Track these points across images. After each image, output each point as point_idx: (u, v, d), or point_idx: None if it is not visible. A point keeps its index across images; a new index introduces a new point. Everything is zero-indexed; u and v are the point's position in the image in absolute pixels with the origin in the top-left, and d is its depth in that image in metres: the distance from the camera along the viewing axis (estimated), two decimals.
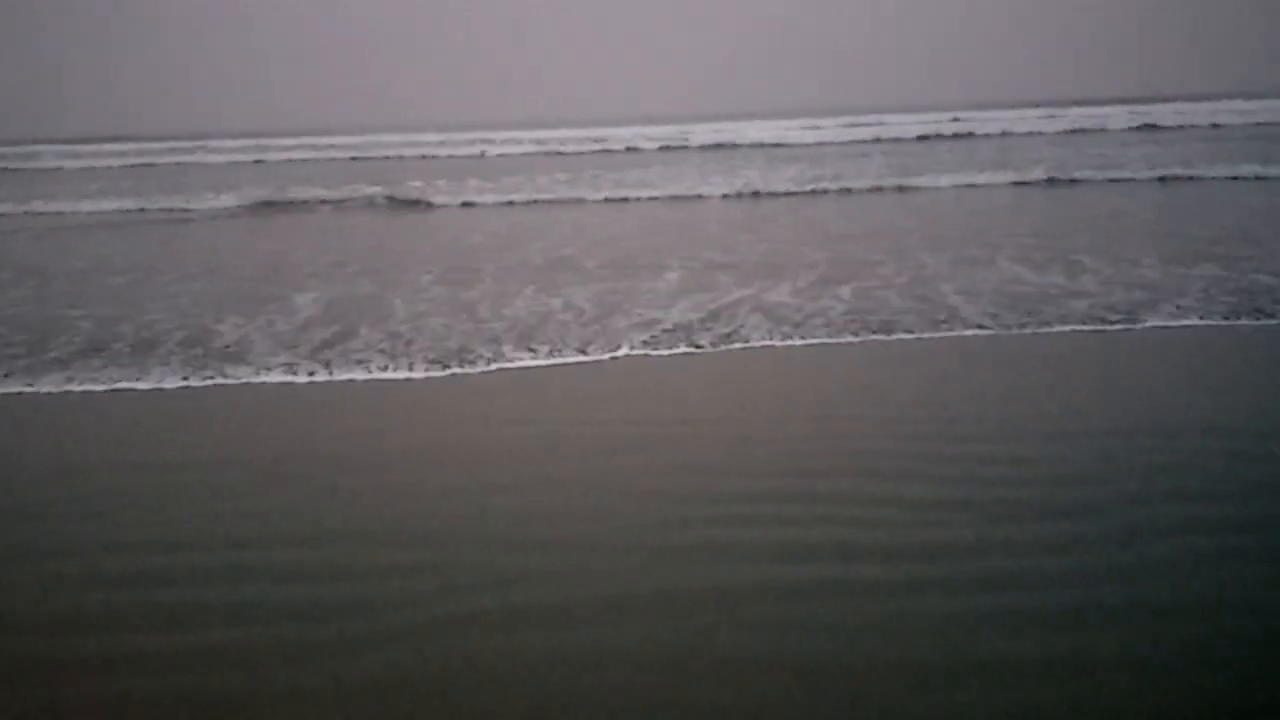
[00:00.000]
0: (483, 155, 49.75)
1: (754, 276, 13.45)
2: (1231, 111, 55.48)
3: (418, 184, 31.02)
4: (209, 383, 8.97)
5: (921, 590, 4.52)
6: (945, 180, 26.12)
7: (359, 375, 9.08)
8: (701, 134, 55.83)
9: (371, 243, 19.78)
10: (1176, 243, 14.92)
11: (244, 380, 9.03)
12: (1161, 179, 25.09)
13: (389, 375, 9.06)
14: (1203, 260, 13.18)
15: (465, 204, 26.28)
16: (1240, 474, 5.71)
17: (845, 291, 12.09)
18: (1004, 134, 49.38)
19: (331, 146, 59.19)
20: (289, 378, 9.04)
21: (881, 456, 6.30)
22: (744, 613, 4.39)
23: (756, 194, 25.96)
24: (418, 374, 9.08)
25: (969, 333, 9.77)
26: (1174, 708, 3.60)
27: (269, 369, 9.31)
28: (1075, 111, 65.08)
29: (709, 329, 10.29)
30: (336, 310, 12.19)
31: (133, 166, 51.01)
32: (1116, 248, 14.65)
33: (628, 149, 50.28)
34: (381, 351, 9.89)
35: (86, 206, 28.20)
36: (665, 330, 10.31)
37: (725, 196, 26.12)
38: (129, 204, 28.55)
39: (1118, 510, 5.27)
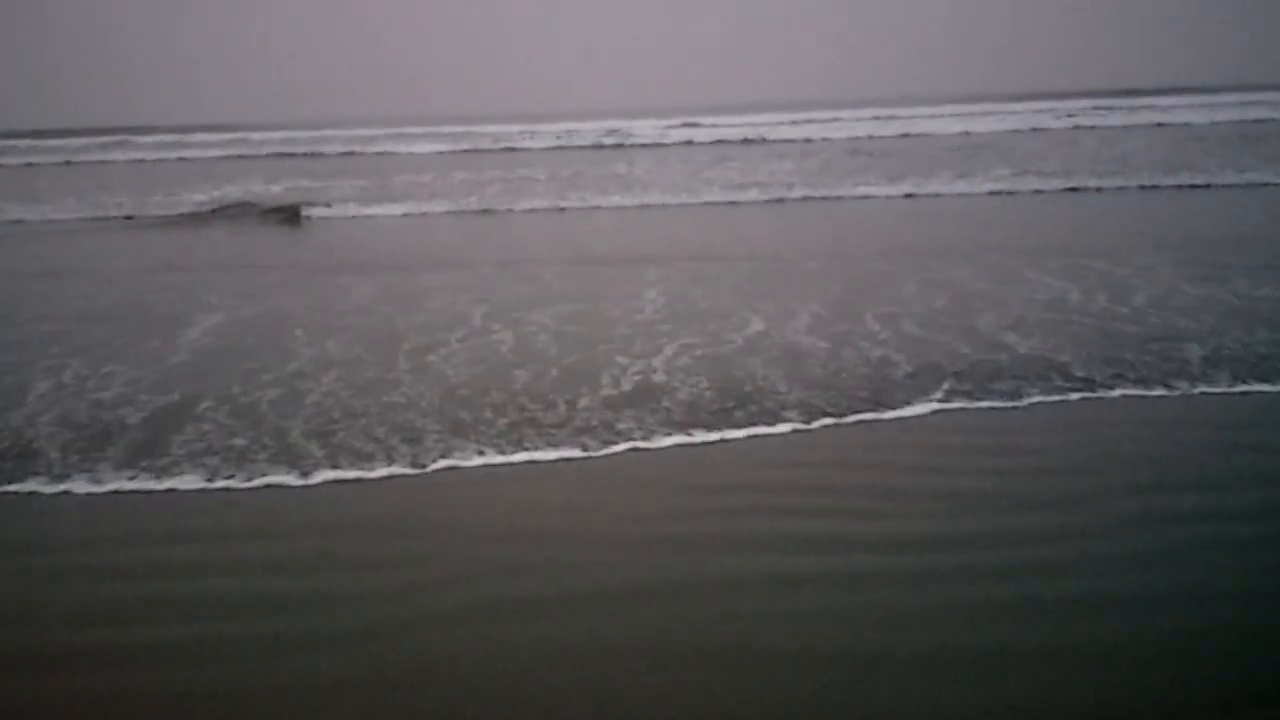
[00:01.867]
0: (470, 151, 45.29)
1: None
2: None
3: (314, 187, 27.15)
4: None
5: (915, 582, 4.41)
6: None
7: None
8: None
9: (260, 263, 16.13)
10: None
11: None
12: None
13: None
14: None
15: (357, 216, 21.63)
16: (1232, 464, 5.64)
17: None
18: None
19: (212, 144, 53.91)
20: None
21: (877, 449, 6.18)
22: (742, 603, 4.29)
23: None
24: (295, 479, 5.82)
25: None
26: (1166, 698, 3.50)
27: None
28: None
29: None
30: (173, 381, 8.66)
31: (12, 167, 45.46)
32: None
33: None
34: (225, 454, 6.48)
35: None
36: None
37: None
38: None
39: (1112, 502, 5.20)
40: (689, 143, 43.94)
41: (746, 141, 42.91)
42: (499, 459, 6.14)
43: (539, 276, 12.65)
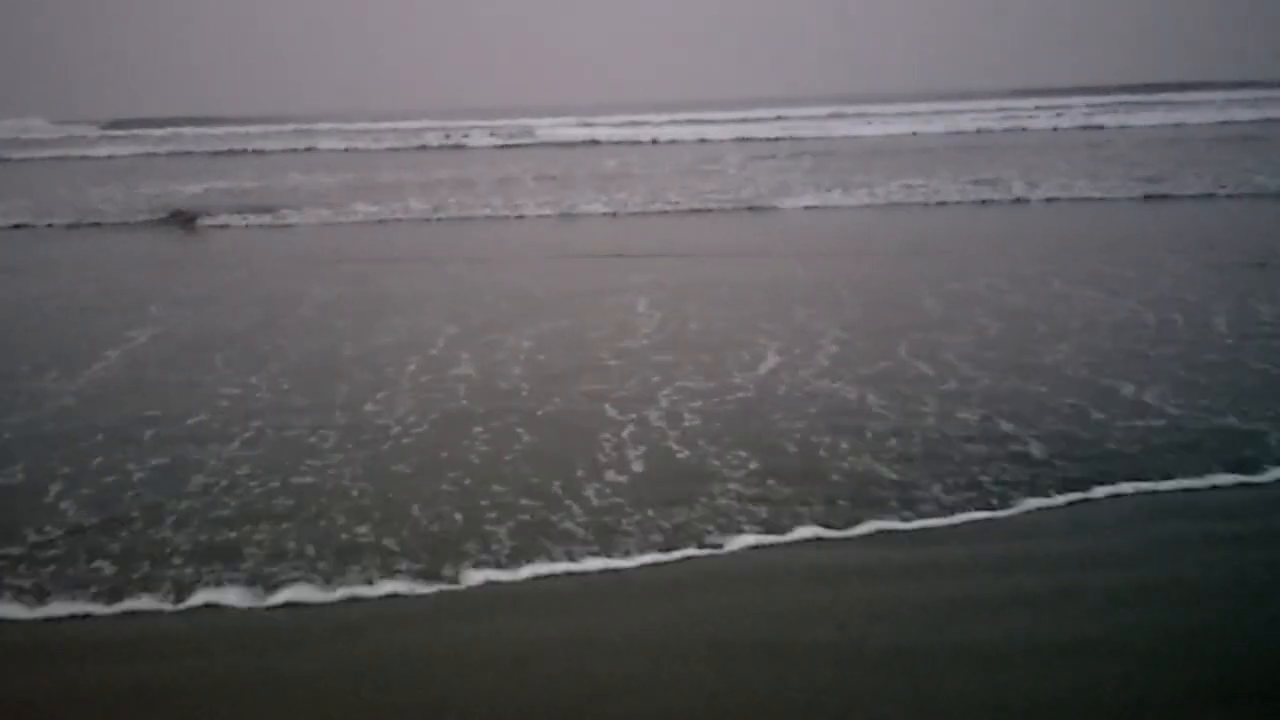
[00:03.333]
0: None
1: None
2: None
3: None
4: None
5: (915, 575, 4.12)
6: None
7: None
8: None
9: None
10: None
11: None
12: None
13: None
14: None
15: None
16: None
17: None
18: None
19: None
20: None
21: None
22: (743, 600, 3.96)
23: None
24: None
25: None
26: (1164, 692, 3.28)
27: None
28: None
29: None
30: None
31: None
32: None
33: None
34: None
35: None
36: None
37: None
38: None
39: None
40: (654, 141, 40.16)
41: (710, 140, 40.48)
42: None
43: (506, 285, 10.57)
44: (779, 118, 53.30)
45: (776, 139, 38.03)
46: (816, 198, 18.56)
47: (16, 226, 17.92)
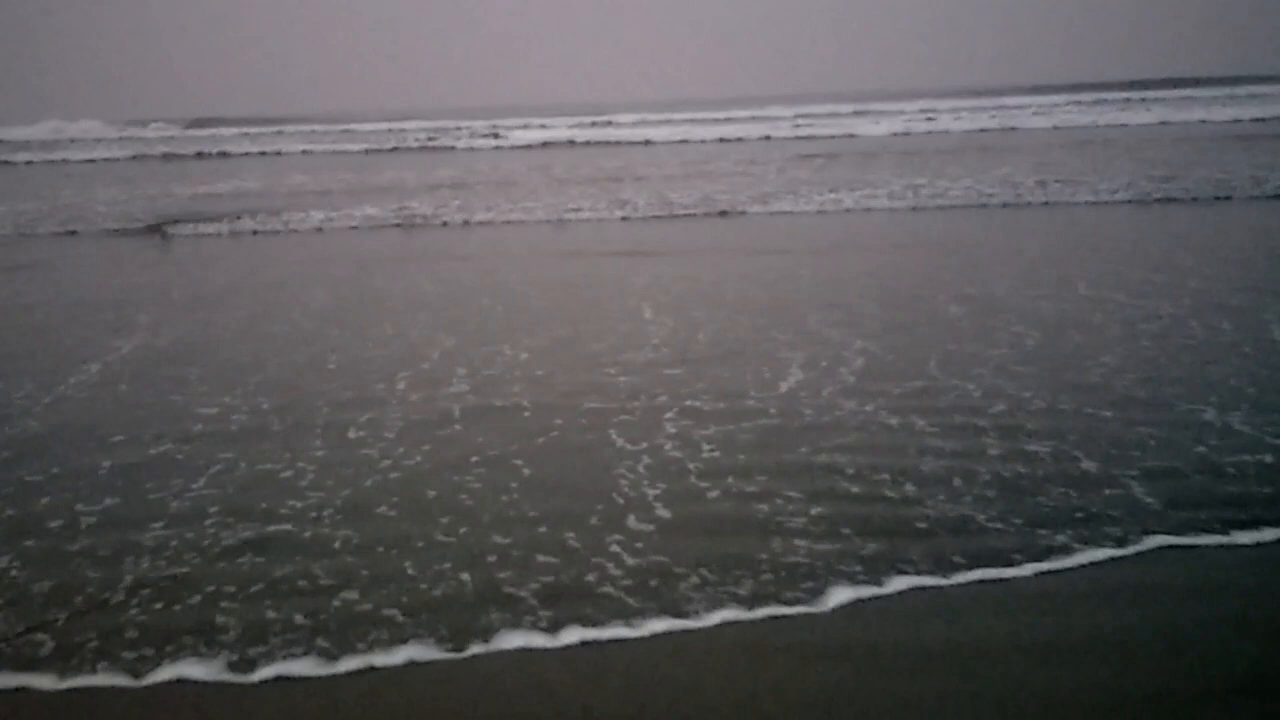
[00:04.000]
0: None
1: None
2: None
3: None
4: None
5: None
6: None
7: None
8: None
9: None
10: None
11: None
12: None
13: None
14: None
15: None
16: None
17: None
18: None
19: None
20: None
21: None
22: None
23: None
24: None
25: None
26: (1168, 690, 3.16)
27: None
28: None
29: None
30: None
31: None
32: None
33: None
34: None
35: None
36: None
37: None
38: None
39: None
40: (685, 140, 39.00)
41: (684, 142, 39.74)
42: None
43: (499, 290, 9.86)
44: (783, 117, 52.66)
45: (787, 139, 37.40)
46: (824, 198, 17.82)
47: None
